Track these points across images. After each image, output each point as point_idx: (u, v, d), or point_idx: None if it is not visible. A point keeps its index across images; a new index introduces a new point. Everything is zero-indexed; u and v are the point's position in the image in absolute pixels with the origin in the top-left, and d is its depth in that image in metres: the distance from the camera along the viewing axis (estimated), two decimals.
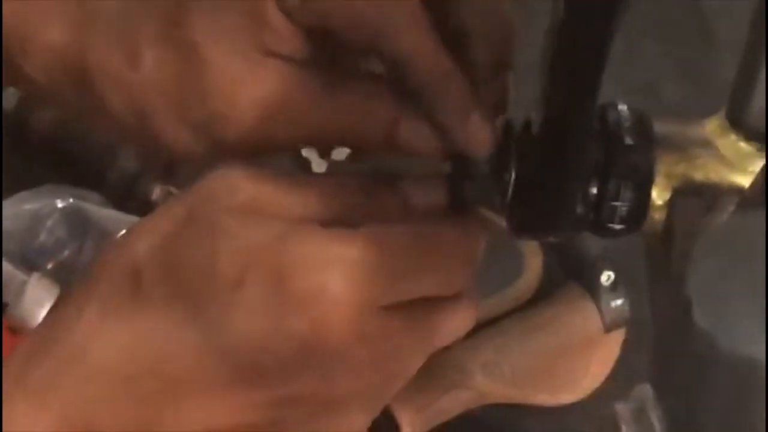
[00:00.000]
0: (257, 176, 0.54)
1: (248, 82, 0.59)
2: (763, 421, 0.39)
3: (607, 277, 0.84)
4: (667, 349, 0.39)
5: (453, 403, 0.90)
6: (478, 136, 0.59)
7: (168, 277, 0.52)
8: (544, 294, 0.91)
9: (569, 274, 0.84)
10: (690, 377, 0.38)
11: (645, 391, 0.52)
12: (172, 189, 0.97)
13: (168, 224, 0.54)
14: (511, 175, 0.59)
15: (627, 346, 0.96)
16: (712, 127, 0.63)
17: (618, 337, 0.96)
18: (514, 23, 0.62)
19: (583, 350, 0.85)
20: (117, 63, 0.61)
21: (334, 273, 0.50)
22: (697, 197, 0.60)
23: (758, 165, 0.58)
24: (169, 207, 0.56)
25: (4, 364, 0.54)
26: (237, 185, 0.53)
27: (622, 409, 0.58)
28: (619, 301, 0.85)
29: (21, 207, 0.93)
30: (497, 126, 0.61)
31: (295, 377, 0.52)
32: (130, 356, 0.52)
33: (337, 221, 0.53)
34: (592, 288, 0.86)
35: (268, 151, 0.61)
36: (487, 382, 0.89)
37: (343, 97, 0.60)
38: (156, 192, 0.95)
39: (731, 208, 0.59)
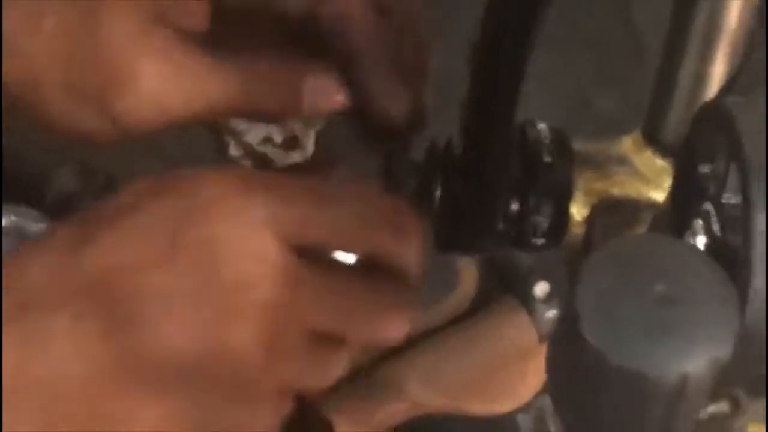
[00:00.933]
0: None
1: (141, 50, 0.59)
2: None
3: (540, 289, 0.85)
4: (560, 361, 0.41)
5: (390, 415, 0.90)
6: (397, 100, 0.61)
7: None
8: (479, 306, 0.91)
9: (504, 287, 0.84)
10: (582, 389, 0.39)
11: (545, 401, 0.53)
12: None
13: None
14: (436, 193, 0.61)
15: None
16: (628, 143, 0.64)
17: None
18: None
19: (519, 361, 0.86)
20: (17, 29, 0.60)
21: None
22: (615, 212, 0.62)
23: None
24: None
25: None
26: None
27: (522, 418, 0.60)
28: (553, 312, 0.86)
29: None
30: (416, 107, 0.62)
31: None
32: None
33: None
34: (526, 300, 0.86)
35: (164, 124, 0.61)
36: (424, 394, 0.89)
37: (247, 71, 0.60)
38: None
39: (648, 222, 0.61)
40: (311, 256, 0.52)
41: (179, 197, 0.53)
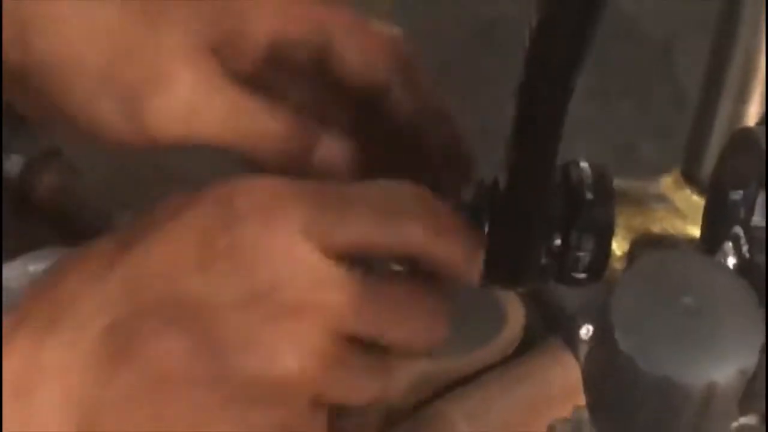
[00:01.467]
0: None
1: (185, 61, 0.60)
2: None
3: (586, 330, 0.84)
4: (596, 372, 0.41)
5: None
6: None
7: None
8: (525, 347, 0.91)
9: (550, 328, 0.84)
10: (616, 397, 0.40)
11: (581, 413, 0.53)
12: None
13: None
14: (483, 230, 0.62)
15: None
16: (668, 182, 0.63)
17: None
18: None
19: (564, 400, 0.84)
20: (67, 11, 0.60)
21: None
22: (655, 247, 0.62)
23: None
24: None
25: None
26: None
27: (561, 429, 0.59)
28: None
29: (25, 268, 0.93)
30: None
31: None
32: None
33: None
34: (572, 341, 0.86)
35: (182, 137, 0.61)
36: (470, 430, 0.90)
37: (270, 116, 0.61)
38: None
39: None
40: (351, 262, 0.53)
41: (214, 206, 0.54)
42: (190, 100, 0.60)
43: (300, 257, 0.52)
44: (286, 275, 0.52)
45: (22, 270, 0.92)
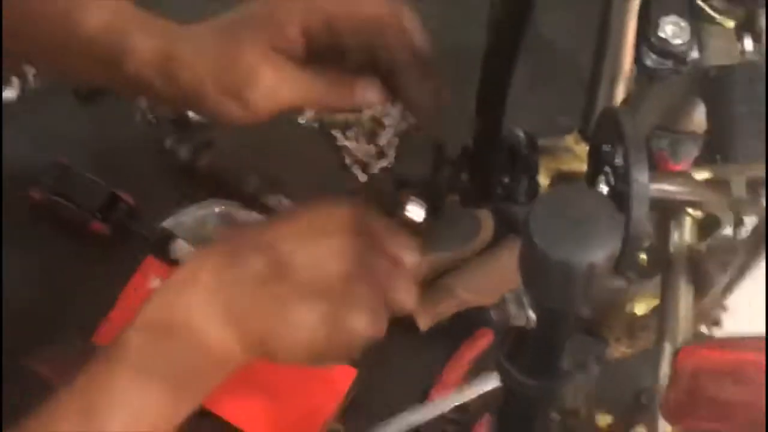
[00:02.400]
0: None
1: (263, 62, 0.58)
2: None
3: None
4: (525, 259, 0.39)
5: (447, 308, 0.90)
6: (427, 100, 0.61)
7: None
8: (494, 242, 0.90)
9: (508, 230, 0.83)
10: (535, 274, 0.39)
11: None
12: (282, 198, 0.95)
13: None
14: (463, 174, 0.62)
15: None
16: (570, 139, 0.62)
17: None
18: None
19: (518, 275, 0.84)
20: (188, 52, 0.59)
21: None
22: (564, 180, 0.61)
23: None
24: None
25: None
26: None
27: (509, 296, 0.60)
28: None
29: (195, 212, 0.94)
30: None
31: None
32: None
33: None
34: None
35: (275, 111, 0.60)
36: (466, 295, 0.89)
37: (323, 80, 0.60)
38: (271, 199, 0.94)
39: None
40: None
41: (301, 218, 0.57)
42: (272, 86, 0.59)
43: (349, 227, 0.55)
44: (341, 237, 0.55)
45: (193, 212, 0.94)
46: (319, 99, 0.61)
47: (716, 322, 0.70)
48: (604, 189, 0.44)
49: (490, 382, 0.88)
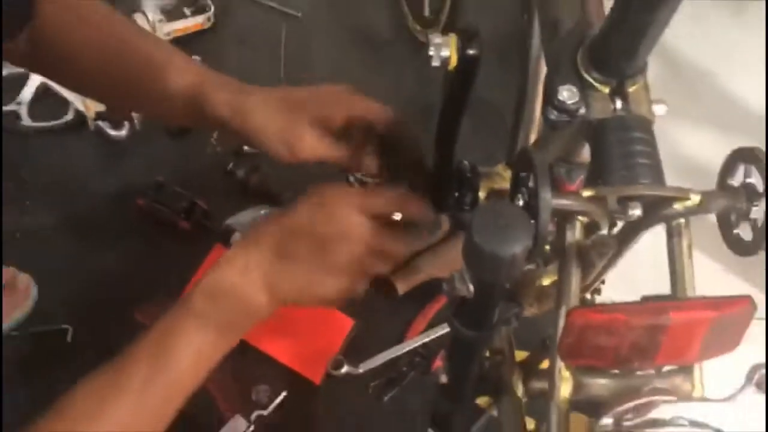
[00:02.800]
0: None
1: (308, 133, 0.56)
2: None
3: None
4: (467, 249, 0.39)
5: (417, 279, 0.89)
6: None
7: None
8: (449, 237, 0.88)
9: (459, 229, 0.82)
10: (474, 260, 0.38)
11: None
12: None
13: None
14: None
15: None
16: (500, 167, 0.61)
17: None
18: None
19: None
20: (233, 108, 0.56)
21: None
22: (497, 195, 0.60)
23: None
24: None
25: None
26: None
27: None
28: None
29: (247, 215, 0.92)
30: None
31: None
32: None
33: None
34: None
35: (314, 161, 0.58)
36: (429, 270, 0.89)
37: (344, 148, 0.58)
38: None
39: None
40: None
41: (320, 196, 0.53)
42: (312, 145, 0.56)
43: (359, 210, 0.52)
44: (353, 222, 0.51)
45: (246, 215, 0.93)
46: (339, 159, 0.58)
47: (597, 292, 0.70)
48: (521, 203, 0.44)
49: (444, 330, 0.89)
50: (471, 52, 0.46)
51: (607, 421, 0.40)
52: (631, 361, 0.41)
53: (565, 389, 0.43)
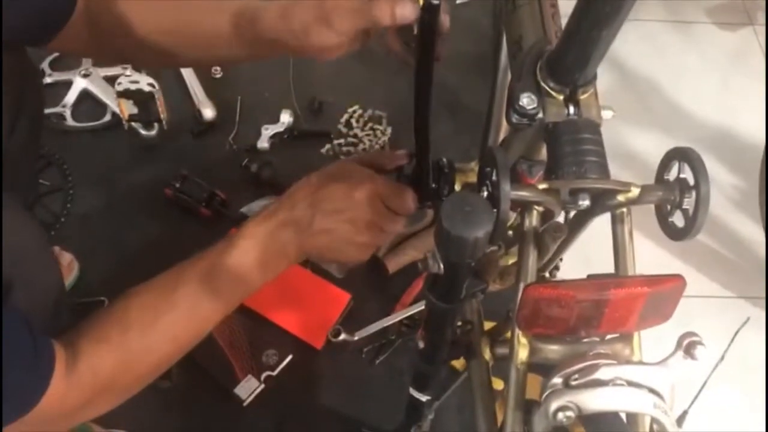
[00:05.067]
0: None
1: (341, 3, 0.48)
2: None
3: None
4: (438, 232, 0.39)
5: (405, 260, 0.88)
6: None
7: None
8: (432, 224, 0.87)
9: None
10: (446, 245, 0.38)
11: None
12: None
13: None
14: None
15: None
16: (473, 164, 0.59)
17: None
18: None
19: None
20: (281, 20, 0.50)
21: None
22: (469, 187, 0.58)
23: None
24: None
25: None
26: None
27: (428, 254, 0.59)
28: None
29: (261, 203, 0.92)
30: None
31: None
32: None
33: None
34: None
35: (356, 32, 0.49)
36: (414, 252, 0.88)
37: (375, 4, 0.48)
38: None
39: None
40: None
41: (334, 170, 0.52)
42: (350, 9, 0.48)
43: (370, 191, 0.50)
44: (364, 202, 0.50)
45: (258, 204, 0.93)
46: (380, 17, 0.48)
47: (557, 268, 0.70)
48: (485, 194, 0.43)
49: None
50: (434, 2, 0.42)
51: (557, 380, 0.40)
52: (578, 330, 0.41)
53: (522, 353, 0.43)
